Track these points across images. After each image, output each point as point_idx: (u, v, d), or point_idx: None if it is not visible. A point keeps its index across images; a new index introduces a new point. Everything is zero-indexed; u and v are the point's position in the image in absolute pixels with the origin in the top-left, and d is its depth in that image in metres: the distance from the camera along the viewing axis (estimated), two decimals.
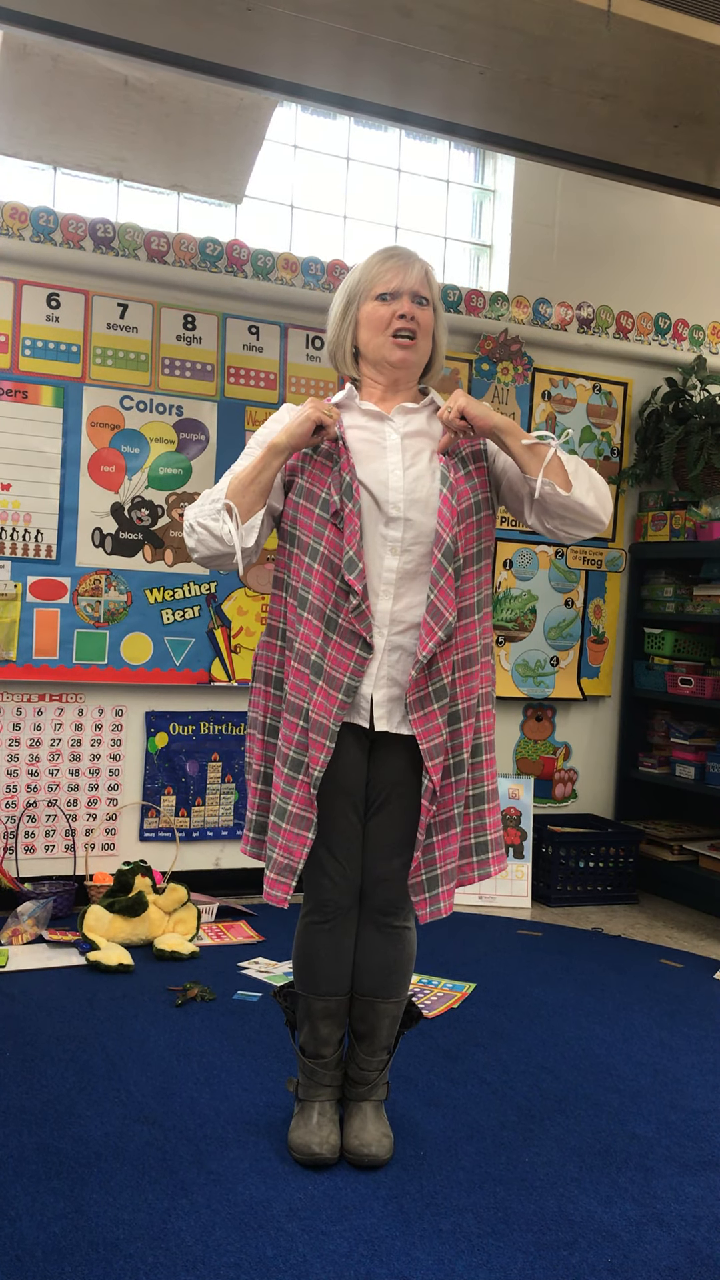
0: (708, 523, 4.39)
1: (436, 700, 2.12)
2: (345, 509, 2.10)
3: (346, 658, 2.11)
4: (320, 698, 2.12)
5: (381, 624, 2.13)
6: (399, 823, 2.20)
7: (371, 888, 2.23)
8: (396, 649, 2.14)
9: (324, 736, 2.11)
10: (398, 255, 2.21)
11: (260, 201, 4.29)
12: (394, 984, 2.27)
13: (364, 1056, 2.28)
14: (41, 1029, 2.80)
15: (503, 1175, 2.22)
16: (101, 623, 3.88)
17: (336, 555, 2.11)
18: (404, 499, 2.13)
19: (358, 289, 2.22)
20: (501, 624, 4.53)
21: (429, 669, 2.11)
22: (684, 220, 4.79)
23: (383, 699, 2.15)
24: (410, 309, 2.16)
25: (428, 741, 2.11)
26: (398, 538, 2.12)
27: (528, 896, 4.28)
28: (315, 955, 2.25)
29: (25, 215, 3.74)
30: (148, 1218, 2.00)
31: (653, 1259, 1.97)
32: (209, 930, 3.66)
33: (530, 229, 4.59)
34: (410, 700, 2.11)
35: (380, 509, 2.13)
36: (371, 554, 2.13)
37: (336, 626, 2.11)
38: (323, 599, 2.12)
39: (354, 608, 2.09)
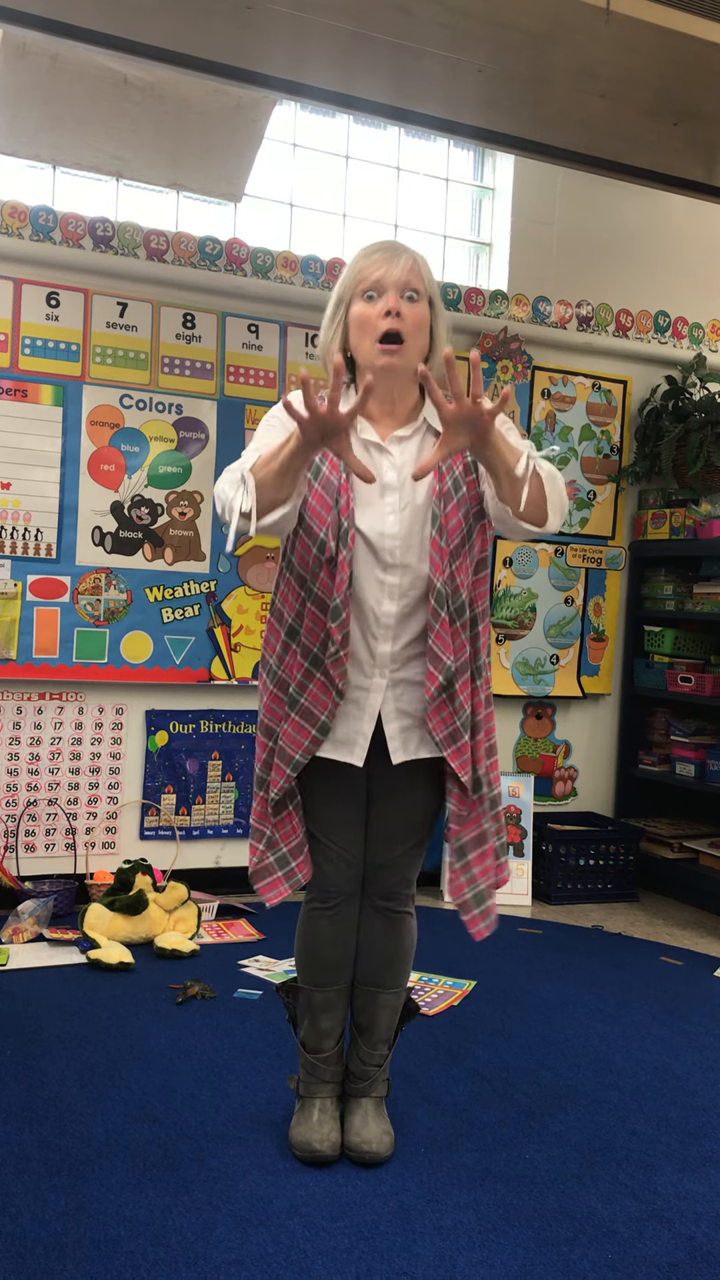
0: (707, 520, 4.39)
1: (465, 732, 2.13)
2: (339, 555, 2.04)
3: (326, 697, 2.10)
4: (291, 729, 2.13)
5: (382, 665, 2.13)
6: (402, 811, 2.21)
7: (373, 874, 2.25)
8: (400, 684, 2.14)
9: (288, 765, 2.14)
10: (383, 248, 2.09)
11: (259, 200, 4.29)
12: (394, 973, 2.28)
13: (365, 1049, 2.29)
14: (42, 1027, 2.81)
15: (503, 1172, 2.23)
16: (101, 621, 3.88)
17: (328, 597, 2.08)
18: (400, 545, 2.08)
19: (344, 288, 2.11)
20: (501, 622, 4.54)
21: (452, 705, 2.10)
22: (683, 218, 4.79)
23: (395, 731, 2.15)
24: (396, 305, 2.03)
25: (466, 773, 2.14)
26: (395, 583, 2.10)
27: (528, 894, 4.29)
28: (317, 940, 2.26)
29: (24, 214, 3.74)
30: (149, 1214, 2.00)
31: (653, 1255, 1.97)
32: (209, 928, 3.66)
33: (529, 227, 4.59)
34: (441, 738, 2.11)
35: (377, 556, 2.08)
36: (369, 598, 2.10)
37: (320, 666, 2.10)
38: (310, 638, 2.11)
39: (332, 655, 2.07)
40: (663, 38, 2.82)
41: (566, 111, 3.26)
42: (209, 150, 3.83)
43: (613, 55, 2.92)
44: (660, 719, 4.75)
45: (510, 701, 4.62)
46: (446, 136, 3.92)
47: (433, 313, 2.11)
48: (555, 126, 3.38)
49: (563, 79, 3.07)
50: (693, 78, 3.02)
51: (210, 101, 3.65)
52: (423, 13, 2.75)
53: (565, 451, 4.62)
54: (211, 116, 3.71)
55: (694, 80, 3.04)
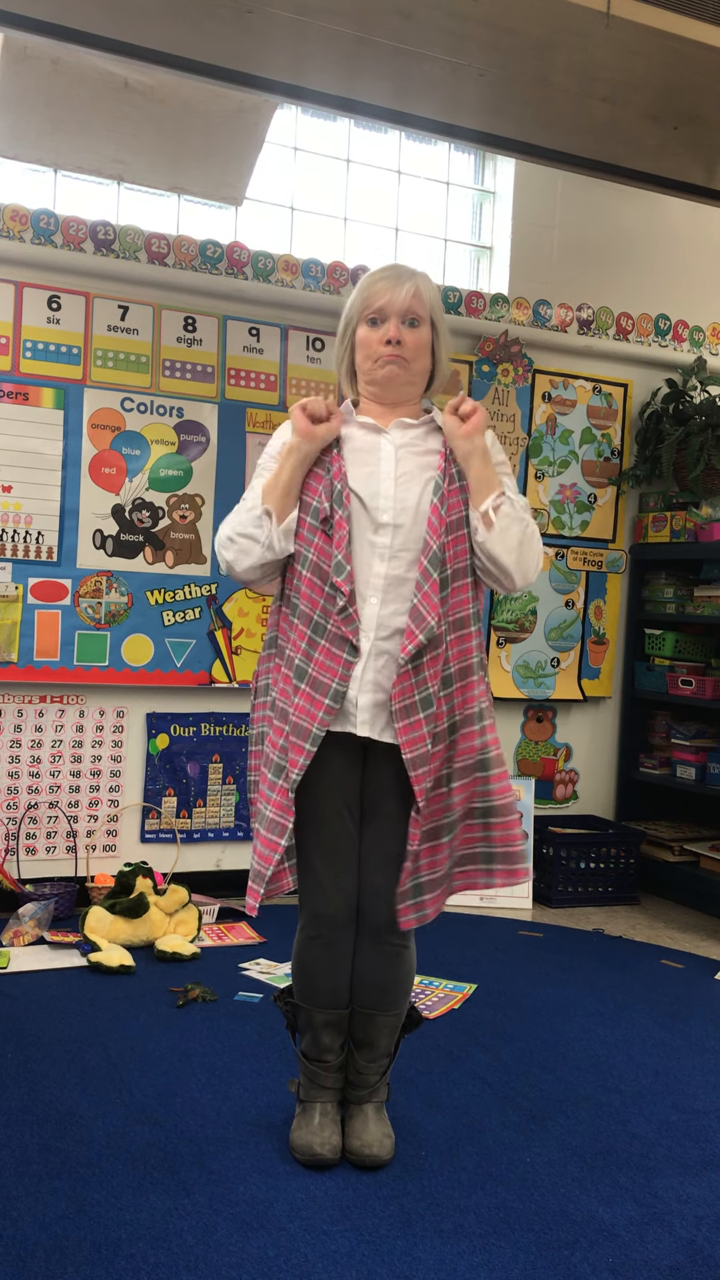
0: (708, 524, 4.39)
1: (422, 709, 2.10)
2: (335, 515, 2.11)
3: (334, 662, 2.10)
4: (303, 701, 2.12)
5: (368, 628, 2.12)
6: (392, 835, 2.18)
7: (367, 902, 2.21)
8: (383, 654, 2.13)
9: (304, 739, 2.11)
10: (388, 275, 2.19)
11: (260, 203, 4.30)
12: (392, 999, 2.26)
13: (364, 1063, 2.28)
14: (43, 1030, 2.81)
15: (504, 1175, 2.23)
16: (102, 624, 3.88)
17: (325, 561, 2.11)
18: (393, 505, 2.13)
19: (352, 311, 2.22)
20: (502, 625, 4.54)
21: (415, 677, 2.09)
22: (683, 221, 4.80)
23: (368, 704, 2.12)
24: (396, 333, 2.15)
25: (412, 751, 2.09)
26: (386, 544, 2.13)
27: (529, 897, 4.29)
28: (313, 971, 2.24)
29: (26, 217, 3.75)
30: (149, 1217, 2.00)
31: (654, 1258, 1.97)
32: (210, 931, 3.66)
33: (530, 230, 4.60)
34: (395, 708, 2.09)
35: (369, 515, 2.13)
36: (360, 559, 2.13)
37: (324, 631, 2.11)
38: (310, 604, 2.13)
39: (340, 610, 2.09)
40: (663, 41, 2.83)
41: (567, 115, 3.27)
42: (210, 154, 3.84)
43: (613, 59, 2.92)
44: (661, 722, 4.75)
45: (511, 704, 4.62)
46: (447, 140, 3.92)
47: (435, 335, 2.23)
48: (556, 130, 3.38)
49: (563, 83, 3.07)
50: (693, 81, 3.03)
51: (211, 105, 3.66)
52: (423, 17, 2.75)
53: (565, 455, 4.62)
54: (212, 120, 3.72)
55: (694, 84, 3.04)
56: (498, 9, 2.71)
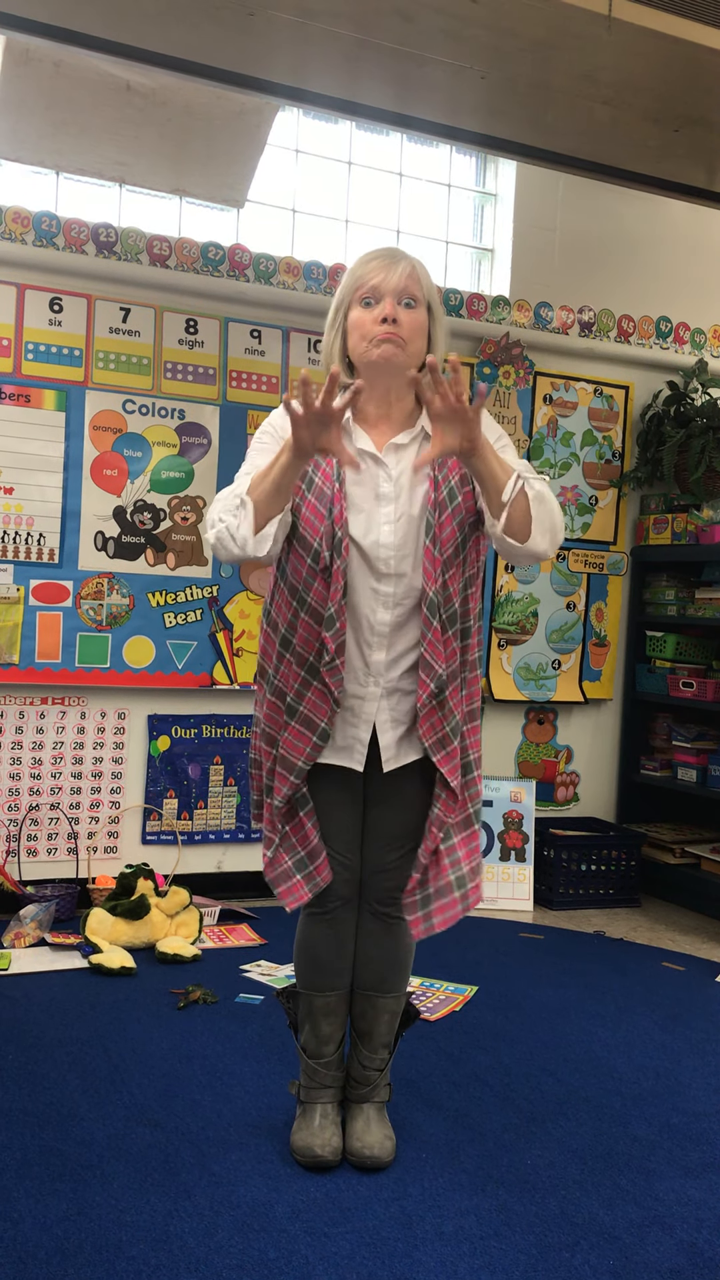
0: (709, 526, 4.39)
1: (454, 738, 2.16)
2: (334, 565, 2.06)
3: (324, 704, 2.12)
4: (292, 736, 2.15)
5: (377, 673, 2.14)
6: (399, 815, 2.21)
7: (370, 879, 2.25)
8: (395, 692, 2.16)
9: (290, 772, 2.15)
10: (381, 255, 2.10)
11: (262, 206, 4.30)
12: (393, 978, 2.28)
13: (365, 1054, 2.28)
14: (44, 1031, 2.81)
15: (505, 1177, 2.22)
16: (104, 626, 3.88)
17: (322, 607, 2.09)
18: (395, 555, 2.09)
19: (344, 294, 2.13)
20: (503, 627, 4.54)
21: (441, 711, 2.12)
22: (685, 224, 4.80)
23: (390, 741, 2.17)
24: (393, 311, 2.04)
25: (455, 778, 2.16)
26: (390, 592, 2.11)
27: (529, 899, 4.28)
28: (315, 946, 2.26)
29: (28, 220, 3.75)
30: (150, 1219, 2.00)
31: (655, 1261, 1.97)
32: (211, 933, 3.66)
33: (531, 233, 4.60)
34: (430, 743, 2.12)
35: (371, 565, 2.10)
36: (364, 607, 2.11)
37: (317, 674, 2.11)
38: (305, 647, 2.13)
39: (327, 664, 2.08)
40: (664, 44, 2.83)
41: (568, 118, 3.27)
42: (212, 156, 3.84)
43: (615, 61, 2.93)
44: (662, 724, 4.75)
45: (512, 707, 4.62)
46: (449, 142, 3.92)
47: (431, 319, 2.13)
48: (557, 132, 3.38)
49: (565, 85, 3.07)
50: (695, 84, 3.03)
51: (213, 107, 3.66)
52: (425, 19, 2.76)
53: (567, 457, 4.62)
54: (214, 122, 3.72)
55: (696, 86, 3.04)
56: (499, 11, 2.71)
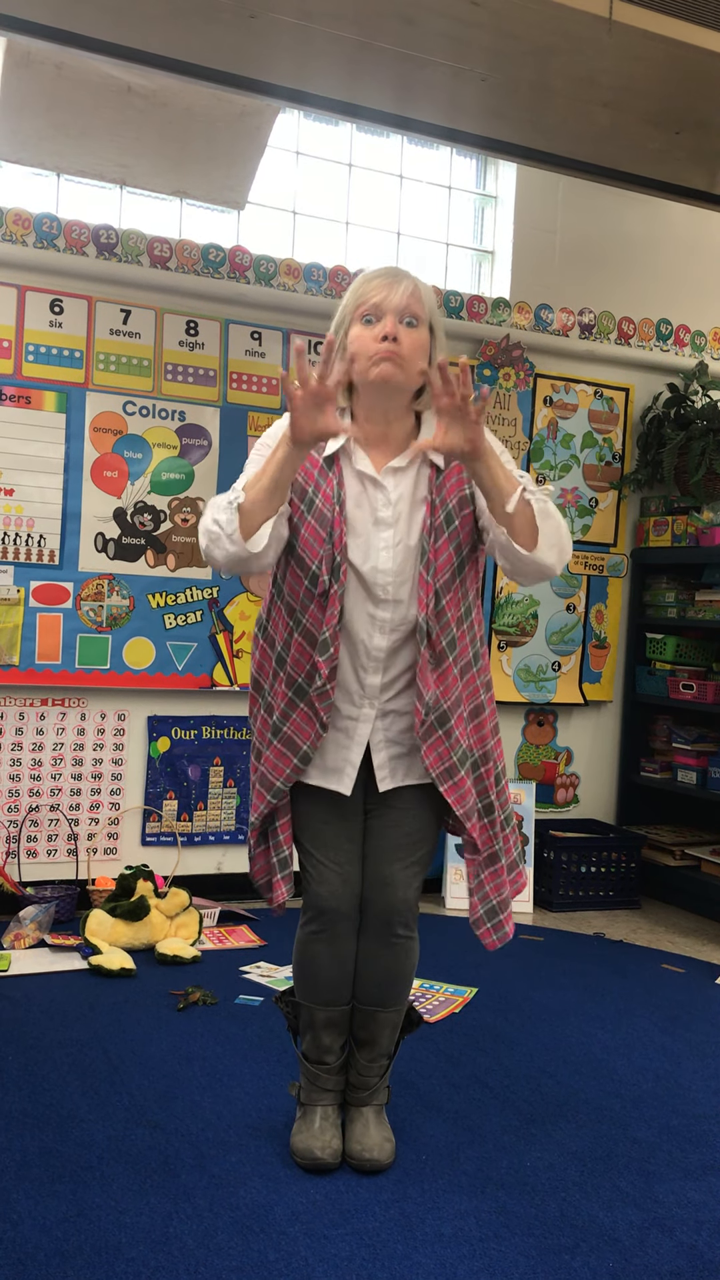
0: (709, 528, 4.39)
1: (462, 766, 2.15)
2: (331, 589, 2.06)
3: (309, 727, 2.12)
4: (273, 756, 2.16)
5: (371, 696, 2.15)
6: (397, 827, 2.20)
7: (373, 892, 2.21)
8: (389, 714, 2.16)
9: (268, 791, 2.17)
10: (384, 274, 2.08)
11: (263, 207, 4.30)
12: (395, 994, 2.26)
13: (364, 1063, 2.28)
14: (44, 1033, 2.81)
15: (504, 1179, 2.22)
16: (104, 627, 3.88)
17: (317, 630, 2.09)
18: (393, 581, 2.10)
19: (344, 312, 2.11)
20: (503, 629, 4.54)
21: (448, 740, 2.12)
22: (685, 226, 4.80)
23: (384, 760, 2.17)
24: (394, 329, 2.02)
25: (462, 806, 2.16)
26: (387, 618, 2.11)
27: (530, 901, 4.28)
28: (314, 965, 2.24)
29: (29, 221, 3.75)
30: (149, 1221, 2.00)
31: (654, 1263, 1.97)
32: (211, 935, 3.66)
33: (532, 235, 4.60)
34: (438, 773, 2.12)
35: (369, 591, 2.10)
36: (360, 631, 2.12)
37: (305, 696, 2.12)
38: (296, 668, 2.13)
39: (318, 689, 2.08)
40: (665, 48, 2.83)
41: (569, 120, 3.27)
42: (212, 158, 3.84)
43: (615, 65, 2.93)
44: (662, 726, 4.75)
45: (512, 708, 4.62)
46: (449, 145, 3.93)
47: (432, 339, 2.10)
48: (558, 135, 3.39)
49: (566, 88, 3.07)
50: (695, 87, 3.03)
51: (214, 109, 3.66)
52: (426, 22, 2.76)
53: (567, 459, 4.63)
54: (215, 124, 3.72)
55: (696, 90, 3.05)
56: (500, 14, 2.71)
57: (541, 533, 2.01)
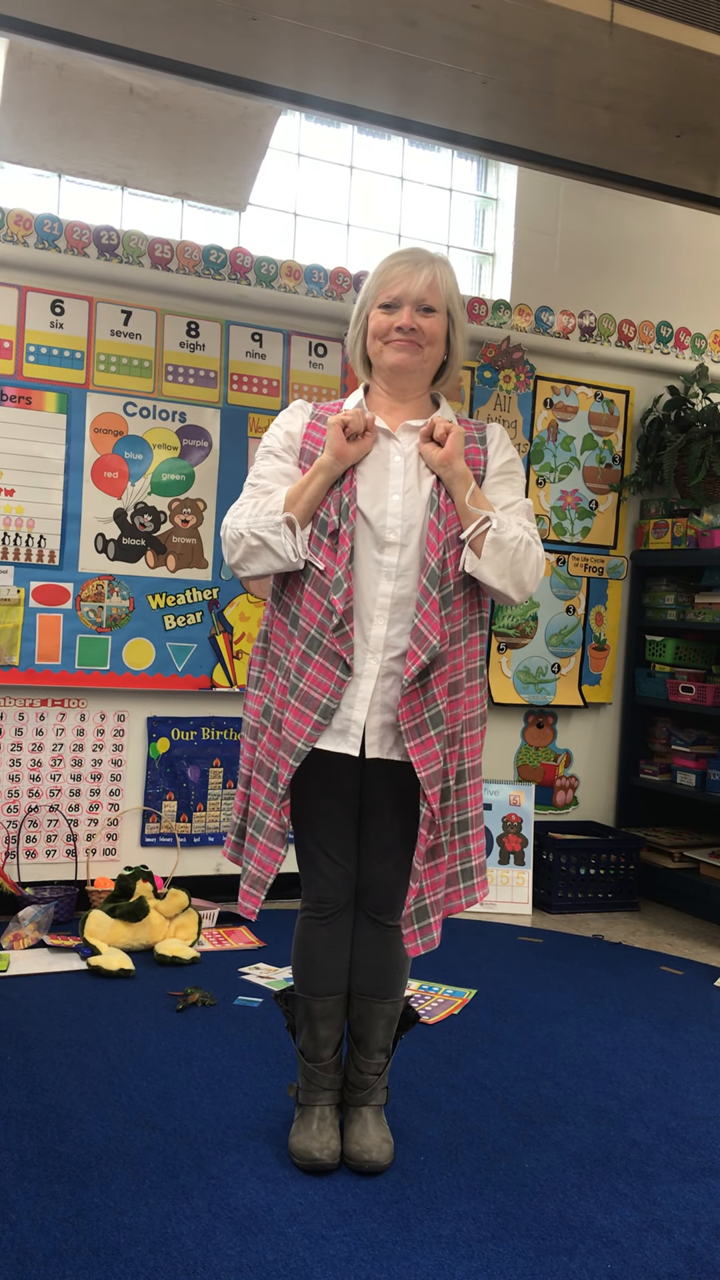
0: (709, 530, 4.40)
1: (433, 726, 2.10)
2: (341, 530, 2.09)
3: (327, 679, 2.10)
4: (293, 716, 2.12)
5: (375, 649, 2.12)
6: (392, 826, 2.20)
7: (366, 889, 2.25)
8: (390, 675, 2.12)
9: (290, 755, 2.12)
10: (405, 260, 2.17)
11: (264, 209, 4.31)
12: (390, 983, 2.27)
13: (362, 1059, 2.28)
14: (42, 1033, 2.81)
15: (503, 1181, 2.22)
16: (104, 628, 3.88)
17: (325, 574, 2.11)
18: (401, 524, 2.11)
19: (367, 295, 2.20)
20: (503, 631, 4.54)
21: (424, 695, 2.10)
22: (685, 229, 4.81)
23: (376, 725, 2.13)
24: (410, 320, 2.12)
25: (426, 769, 2.09)
26: (393, 563, 2.11)
27: (528, 903, 4.28)
28: (313, 951, 2.26)
29: (30, 222, 3.75)
30: (148, 1221, 2.00)
31: (652, 1265, 1.97)
32: (210, 936, 3.67)
33: (532, 237, 4.61)
34: (406, 728, 2.08)
35: (375, 533, 2.11)
36: (366, 579, 2.12)
37: (320, 647, 2.11)
38: (308, 619, 2.12)
39: (335, 627, 2.08)
40: (666, 50, 2.84)
41: (570, 123, 3.28)
42: (214, 159, 3.85)
43: (616, 67, 2.93)
44: (661, 728, 4.76)
45: (511, 710, 4.62)
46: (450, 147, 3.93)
47: (451, 324, 2.20)
48: (558, 138, 3.39)
49: (566, 90, 3.08)
50: (696, 90, 3.04)
51: (215, 111, 3.67)
52: (427, 24, 2.76)
53: (567, 461, 4.63)
54: (216, 126, 3.73)
55: (697, 92, 3.05)
56: (501, 17, 2.72)
57: (486, 560, 2.11)
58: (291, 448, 2.22)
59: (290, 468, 2.20)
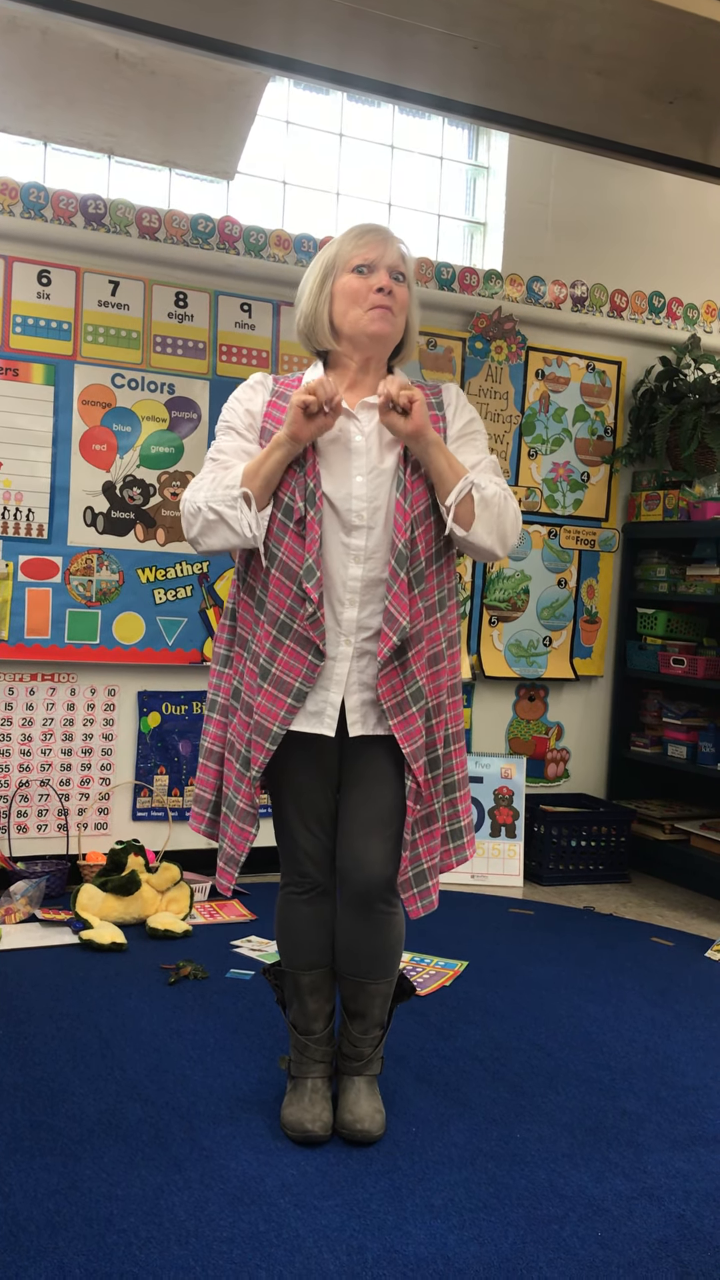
0: (701, 502, 4.39)
1: (415, 703, 2.12)
2: (308, 516, 2.08)
3: (299, 663, 2.10)
4: (265, 700, 2.12)
5: (348, 632, 2.12)
6: (373, 799, 2.17)
7: (349, 870, 2.19)
8: (365, 655, 2.13)
9: (265, 739, 2.12)
10: (375, 230, 2.19)
11: (252, 178, 4.26)
12: (383, 965, 2.25)
13: (357, 1034, 2.28)
14: (34, 1007, 2.81)
15: (494, 1151, 2.24)
16: (93, 602, 3.87)
17: (295, 561, 2.09)
18: (366, 507, 2.11)
19: (334, 262, 2.18)
20: (494, 604, 4.53)
21: (403, 673, 2.10)
22: (678, 198, 4.77)
23: (356, 704, 2.14)
24: (389, 283, 2.13)
25: (410, 744, 2.11)
26: (361, 546, 2.11)
27: (519, 875, 4.30)
28: (295, 926, 2.26)
29: (15, 191, 3.71)
30: (141, 1193, 2.01)
31: (643, 1232, 1.98)
32: (202, 909, 3.67)
33: (524, 206, 4.57)
34: (388, 706, 2.10)
35: (341, 518, 2.11)
36: (335, 562, 2.11)
37: (290, 632, 2.10)
38: (276, 604, 2.12)
39: (309, 615, 2.07)
40: (661, 14, 2.80)
41: (562, 89, 3.23)
42: (202, 127, 3.80)
43: (610, 31, 2.90)
44: (652, 701, 4.76)
45: (502, 683, 4.62)
46: (441, 114, 3.89)
47: (410, 296, 2.22)
48: (551, 105, 3.35)
49: (559, 56, 3.04)
50: (690, 56, 3.00)
51: (203, 78, 3.62)
52: None
53: (559, 433, 4.61)
54: (204, 93, 3.68)
55: (691, 58, 3.01)
56: None
57: (478, 519, 2.11)
58: (252, 425, 2.20)
59: (251, 446, 2.18)
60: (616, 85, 3.19)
